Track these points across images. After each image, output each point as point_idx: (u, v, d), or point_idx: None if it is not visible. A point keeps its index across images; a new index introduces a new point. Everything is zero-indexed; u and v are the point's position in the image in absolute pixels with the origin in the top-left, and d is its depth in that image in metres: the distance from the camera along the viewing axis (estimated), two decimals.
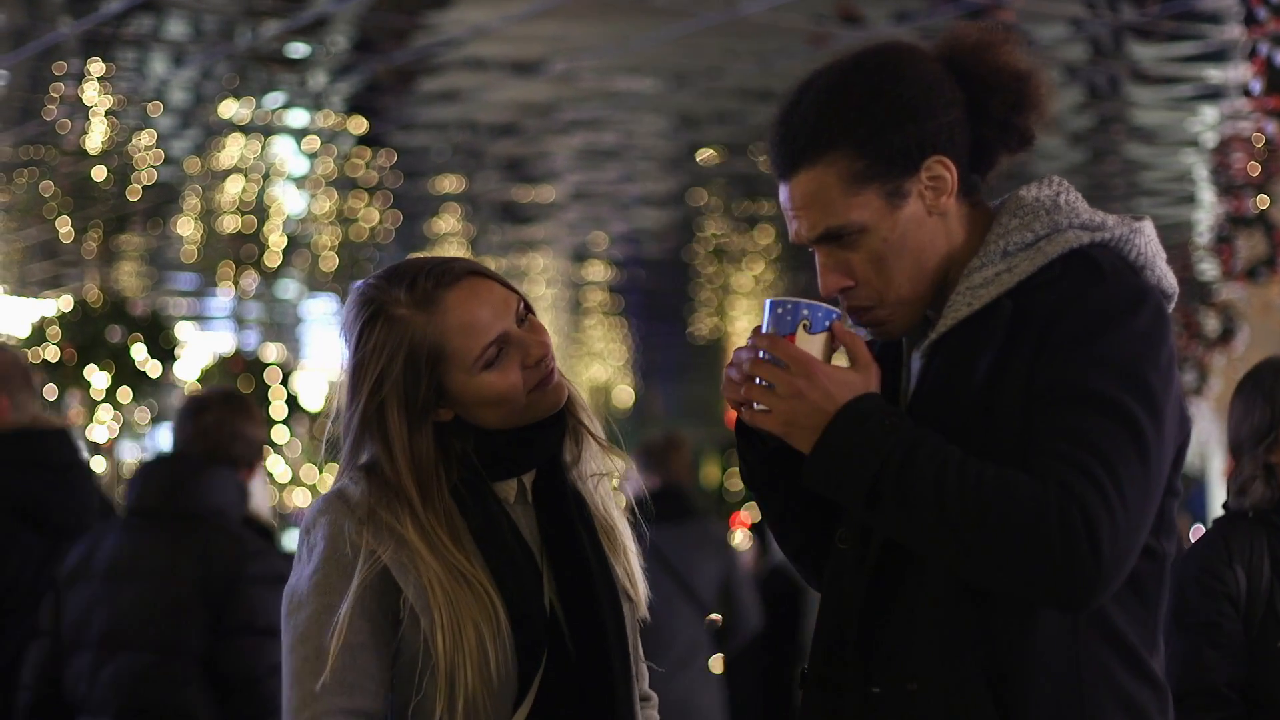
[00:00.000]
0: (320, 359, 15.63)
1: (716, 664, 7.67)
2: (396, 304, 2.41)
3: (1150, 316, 2.10)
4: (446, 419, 2.43)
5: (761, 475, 2.40)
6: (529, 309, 2.48)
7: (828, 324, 2.21)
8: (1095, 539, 1.99)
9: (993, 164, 2.25)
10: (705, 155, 8.77)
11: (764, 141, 2.27)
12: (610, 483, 2.58)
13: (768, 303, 2.23)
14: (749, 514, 18.66)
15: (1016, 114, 2.22)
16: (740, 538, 10.90)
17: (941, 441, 2.10)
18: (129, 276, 11.98)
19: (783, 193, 2.24)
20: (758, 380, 2.19)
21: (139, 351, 9.80)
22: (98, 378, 9.70)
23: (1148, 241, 2.22)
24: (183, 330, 11.35)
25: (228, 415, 4.52)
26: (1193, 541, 3.42)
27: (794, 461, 2.26)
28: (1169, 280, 2.24)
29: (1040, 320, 2.11)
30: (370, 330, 2.42)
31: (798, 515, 2.43)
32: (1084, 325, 2.08)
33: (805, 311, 2.21)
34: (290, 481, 11.99)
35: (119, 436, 11.17)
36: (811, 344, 2.20)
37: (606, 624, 2.45)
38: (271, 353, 12.18)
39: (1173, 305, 2.24)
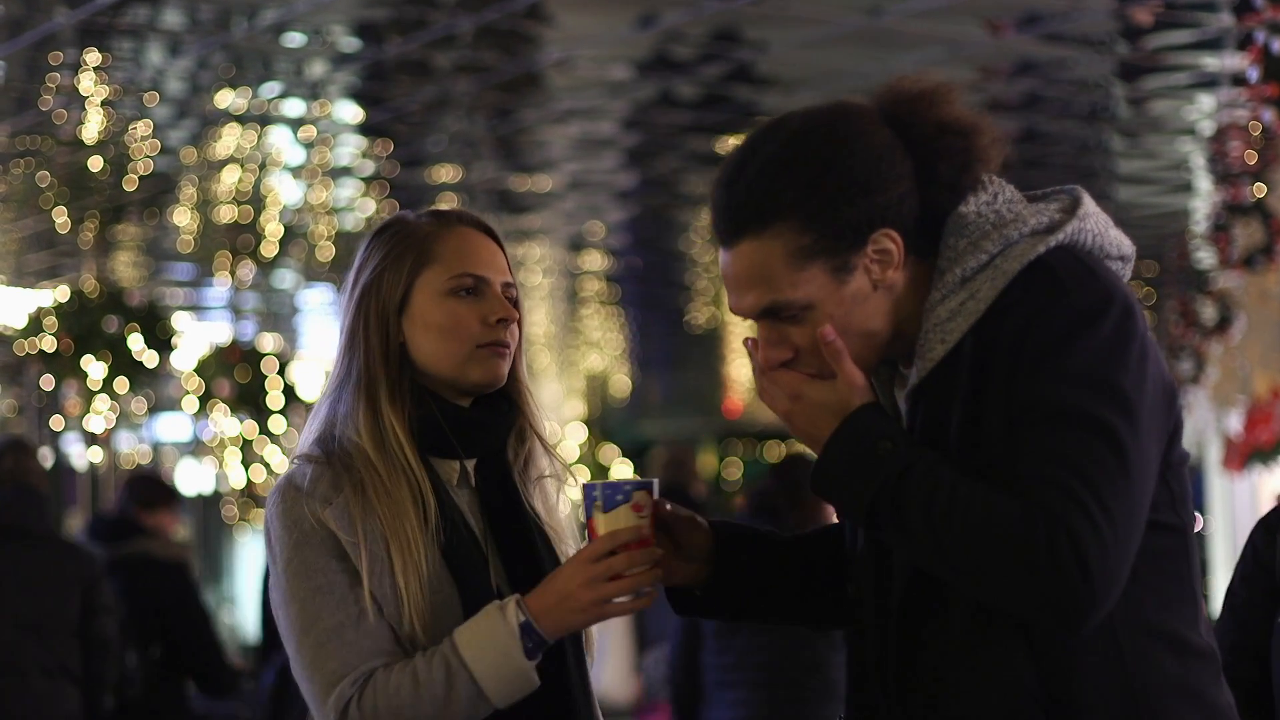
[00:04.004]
0: (317, 349, 15.62)
1: None
2: (415, 219, 2.54)
3: (1115, 320, 2.08)
4: (400, 340, 2.47)
5: (725, 611, 2.48)
6: (517, 299, 2.53)
7: (622, 495, 2.20)
8: (1084, 562, 1.99)
9: (941, 223, 2.19)
10: (702, 143, 8.76)
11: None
12: (553, 486, 2.61)
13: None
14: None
15: (964, 173, 2.19)
16: None
17: (936, 462, 2.09)
18: (125, 267, 11.96)
19: (724, 258, 2.20)
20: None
21: (136, 341, 9.79)
22: (94, 368, 9.69)
23: (1095, 219, 2.21)
24: (180, 320, 11.34)
25: None
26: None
27: (722, 592, 2.39)
28: (1125, 243, 2.24)
29: (1008, 344, 2.09)
30: (382, 234, 2.53)
31: (779, 609, 2.48)
32: (1050, 341, 2.06)
33: (595, 492, 2.22)
34: None
35: (116, 427, 11.17)
36: (606, 521, 2.20)
37: None
38: (268, 343, 12.17)
39: (1130, 264, 2.23)
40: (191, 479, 17.57)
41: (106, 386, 9.78)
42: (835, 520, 2.51)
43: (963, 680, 2.14)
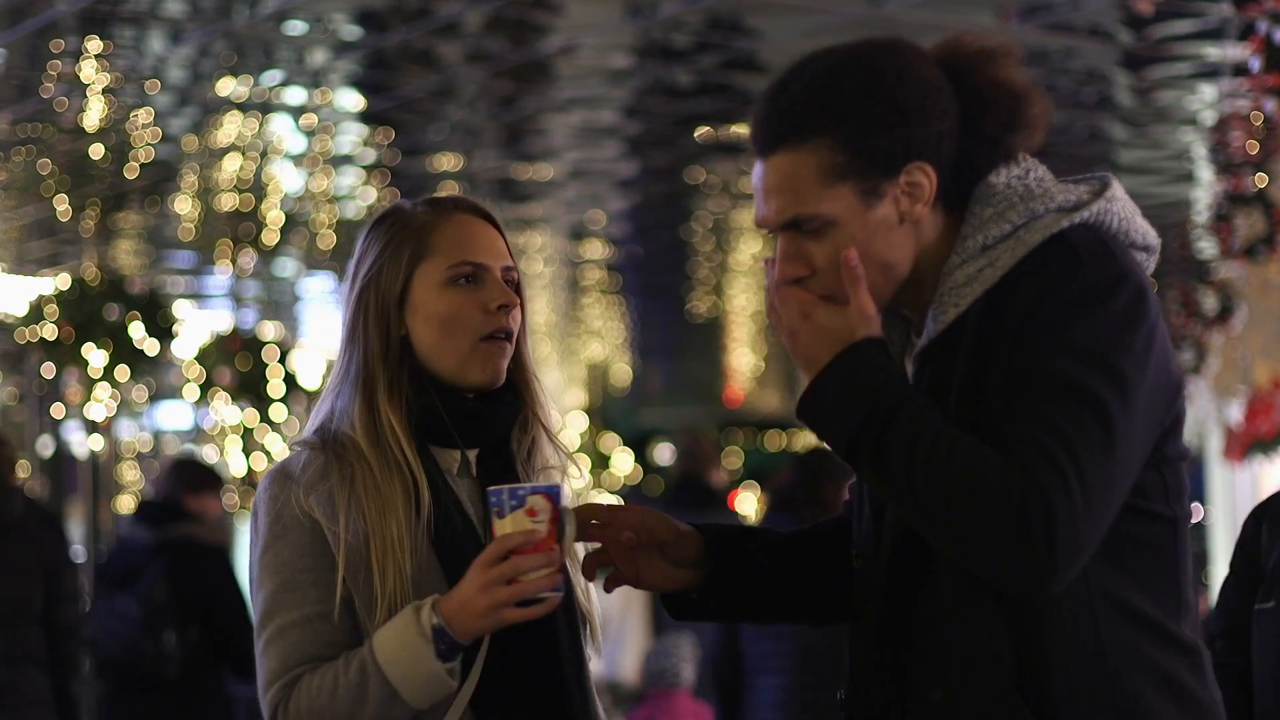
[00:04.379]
0: (318, 337, 15.62)
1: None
2: (412, 209, 2.54)
3: (1126, 300, 2.08)
4: (401, 333, 2.47)
5: (727, 613, 2.51)
6: (519, 283, 2.52)
7: (515, 501, 2.21)
8: (1052, 528, 1.99)
9: (977, 177, 2.20)
10: (703, 132, 8.76)
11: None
12: (557, 476, 2.61)
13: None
14: (747, 491, 18.67)
15: (1008, 133, 2.20)
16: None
17: (928, 407, 2.09)
18: (127, 255, 11.96)
19: (757, 170, 2.21)
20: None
21: (137, 330, 9.79)
22: (95, 356, 9.69)
23: (1122, 204, 2.21)
24: (181, 308, 11.34)
25: None
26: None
27: (718, 595, 2.41)
28: (1150, 233, 2.24)
29: (1019, 312, 2.09)
30: (379, 225, 2.51)
31: (776, 608, 2.48)
32: (1059, 312, 2.07)
33: (494, 497, 2.23)
34: None
35: (117, 415, 11.17)
36: (501, 526, 2.23)
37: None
38: (269, 331, 12.17)
39: (1155, 257, 2.23)
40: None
41: (107, 374, 9.78)
42: None
43: (941, 648, 2.15)
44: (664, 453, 26.90)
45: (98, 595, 6.83)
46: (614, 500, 19.34)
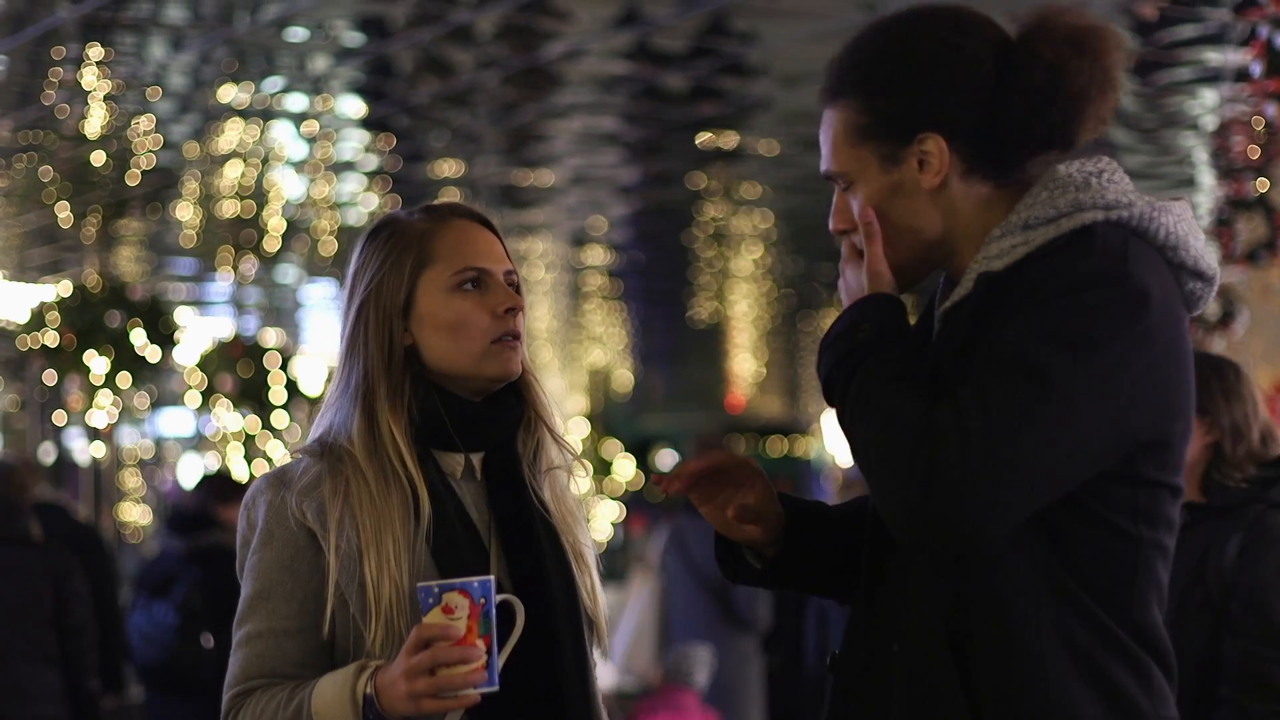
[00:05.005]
0: (320, 343, 15.63)
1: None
2: (409, 218, 2.53)
3: (1122, 298, 2.06)
4: (407, 343, 2.46)
5: (777, 582, 2.50)
6: (520, 286, 2.52)
7: (433, 599, 2.23)
8: (931, 474, 2.00)
9: (1018, 160, 2.20)
10: (704, 138, 8.76)
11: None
12: (564, 477, 2.60)
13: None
14: None
15: (1037, 118, 2.18)
16: None
17: (894, 359, 2.13)
18: (128, 261, 11.97)
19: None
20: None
21: (138, 337, 9.80)
22: (97, 363, 9.69)
23: (1177, 221, 2.19)
24: (182, 315, 11.34)
25: None
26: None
27: (786, 568, 2.43)
28: (1205, 260, 2.20)
29: (1024, 290, 2.10)
30: (376, 236, 2.52)
31: (825, 580, 2.48)
32: (1049, 292, 2.07)
33: (420, 594, 2.26)
34: None
35: (118, 422, 11.18)
36: (425, 619, 2.25)
37: (558, 604, 2.46)
38: (271, 338, 12.18)
39: (1213, 290, 2.21)
40: (194, 474, 17.59)
41: (109, 381, 9.79)
42: None
43: (898, 616, 2.17)
44: (666, 458, 26.91)
45: (136, 603, 7.19)
46: (616, 506, 19.34)
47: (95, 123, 8.00)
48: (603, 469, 19.04)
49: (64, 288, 9.97)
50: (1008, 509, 2.02)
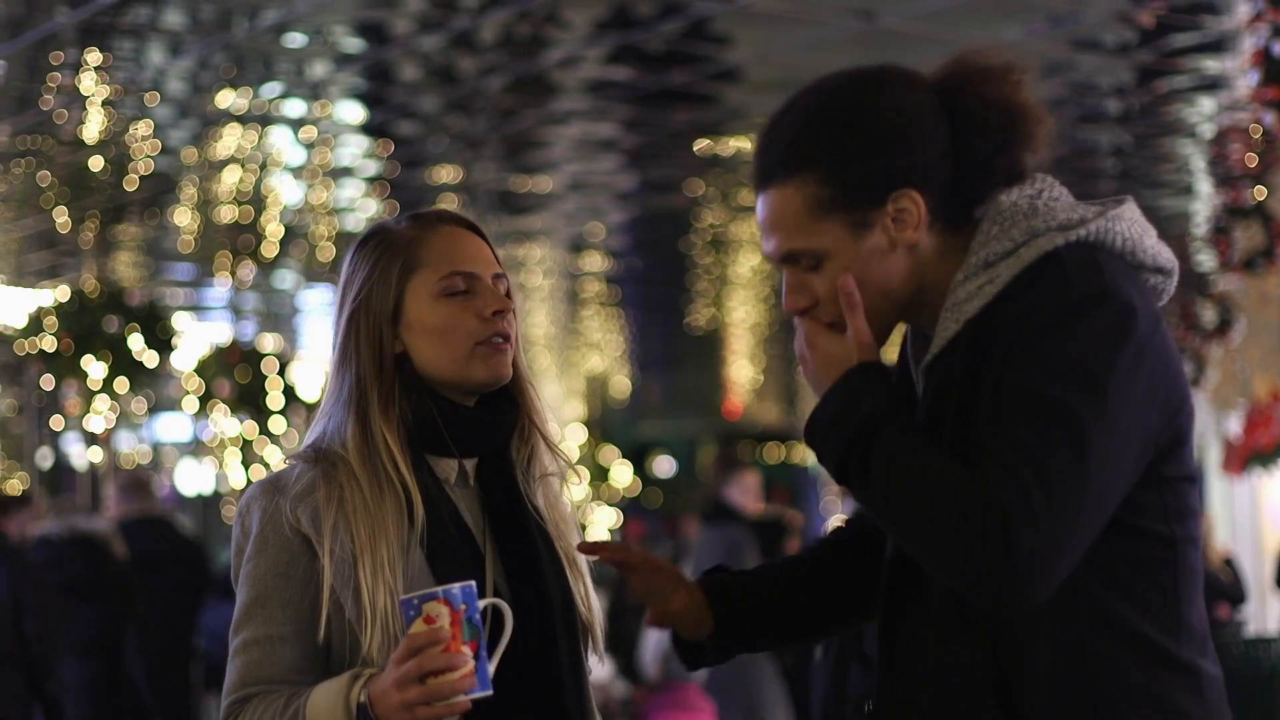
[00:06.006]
0: (317, 349, 15.63)
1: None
2: (396, 225, 2.54)
3: (1110, 316, 2.08)
4: (397, 350, 2.47)
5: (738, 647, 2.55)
6: (509, 291, 2.52)
7: (413, 610, 2.23)
8: (1010, 538, 2.00)
9: (975, 197, 2.22)
10: (702, 145, 8.77)
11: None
12: (558, 484, 2.60)
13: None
14: None
15: (1001, 155, 2.21)
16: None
17: (908, 428, 2.13)
18: (126, 266, 11.97)
19: (758, 204, 2.26)
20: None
21: (136, 341, 9.80)
22: (95, 368, 9.69)
23: (1130, 225, 2.20)
24: (180, 320, 11.35)
25: None
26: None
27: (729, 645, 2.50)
28: (1163, 255, 2.24)
29: (1007, 329, 2.11)
30: (365, 245, 2.54)
31: (796, 633, 2.58)
32: (1041, 328, 2.08)
33: (402, 607, 2.27)
34: None
35: (116, 427, 11.17)
36: (411, 629, 2.25)
37: (554, 609, 2.47)
38: (269, 343, 12.18)
39: (1174, 281, 2.24)
40: (192, 479, 17.58)
41: (106, 386, 9.79)
42: None
43: (928, 662, 2.17)
44: (663, 465, 26.92)
45: (209, 606, 7.51)
46: (613, 513, 19.30)
47: (93, 128, 8.01)
48: (600, 475, 19.05)
49: (62, 293, 9.97)
50: (1076, 553, 2.05)
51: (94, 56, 6.84)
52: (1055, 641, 2.10)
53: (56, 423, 12.06)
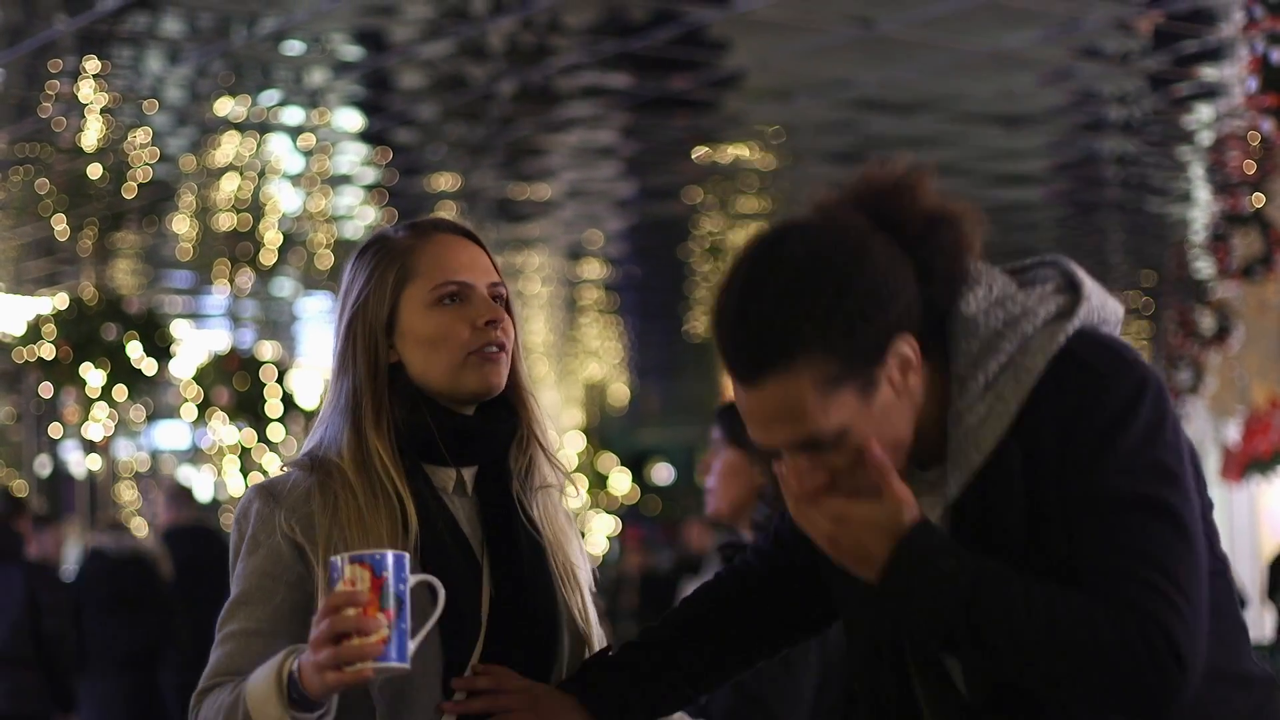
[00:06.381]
0: (316, 357, 15.62)
1: None
2: (394, 234, 2.53)
3: (1151, 401, 2.08)
4: (392, 359, 2.46)
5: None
6: (508, 302, 2.51)
7: (335, 573, 2.19)
8: (1179, 653, 2.01)
9: (941, 317, 2.15)
10: (700, 153, 8.77)
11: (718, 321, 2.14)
12: (557, 495, 2.59)
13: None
14: None
15: (955, 264, 2.14)
16: None
17: (1000, 571, 2.06)
18: (124, 274, 11.97)
19: (745, 397, 2.12)
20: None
21: (134, 349, 9.80)
22: (93, 375, 9.69)
23: (1092, 292, 2.17)
24: (178, 328, 11.34)
25: None
26: None
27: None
28: (1117, 310, 2.20)
29: (1054, 442, 2.07)
30: (364, 254, 2.52)
31: (708, 679, 2.53)
32: (1098, 434, 2.05)
33: (329, 568, 2.22)
34: None
35: (114, 434, 11.17)
36: (339, 589, 2.20)
37: (542, 622, 2.46)
38: (267, 350, 12.18)
39: (1119, 328, 2.21)
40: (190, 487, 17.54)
41: (105, 394, 9.78)
42: None
43: None
44: (662, 472, 26.91)
45: None
46: (612, 520, 19.26)
47: (92, 135, 8.01)
48: (599, 482, 19.04)
49: (60, 300, 9.97)
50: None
51: (92, 64, 6.84)
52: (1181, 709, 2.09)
53: (55, 430, 12.05)
